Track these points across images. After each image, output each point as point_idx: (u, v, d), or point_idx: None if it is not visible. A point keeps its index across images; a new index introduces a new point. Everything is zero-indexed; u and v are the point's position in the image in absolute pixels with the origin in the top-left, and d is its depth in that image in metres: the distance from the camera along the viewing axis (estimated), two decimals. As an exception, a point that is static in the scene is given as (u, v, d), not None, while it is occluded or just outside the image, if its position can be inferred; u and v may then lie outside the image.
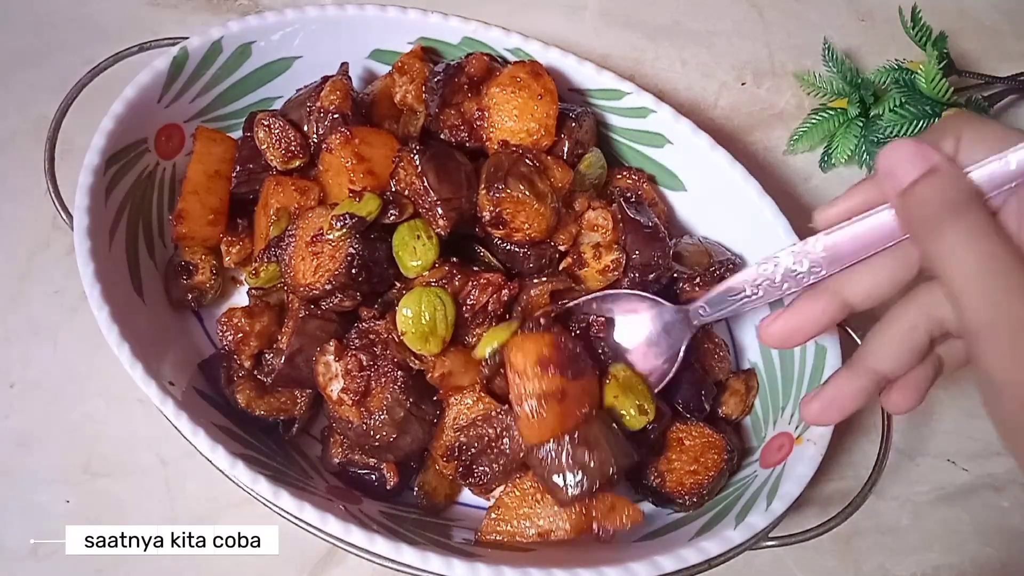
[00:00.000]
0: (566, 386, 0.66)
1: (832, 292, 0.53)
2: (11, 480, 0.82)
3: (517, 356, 0.66)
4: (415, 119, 0.84)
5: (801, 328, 0.54)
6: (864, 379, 0.53)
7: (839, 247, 0.53)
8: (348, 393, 0.70)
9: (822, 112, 0.99)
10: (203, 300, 0.84)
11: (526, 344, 0.67)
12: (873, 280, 0.52)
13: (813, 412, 0.55)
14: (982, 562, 0.83)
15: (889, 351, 0.52)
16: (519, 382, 0.66)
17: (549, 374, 0.65)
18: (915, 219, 0.48)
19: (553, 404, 0.65)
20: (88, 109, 0.80)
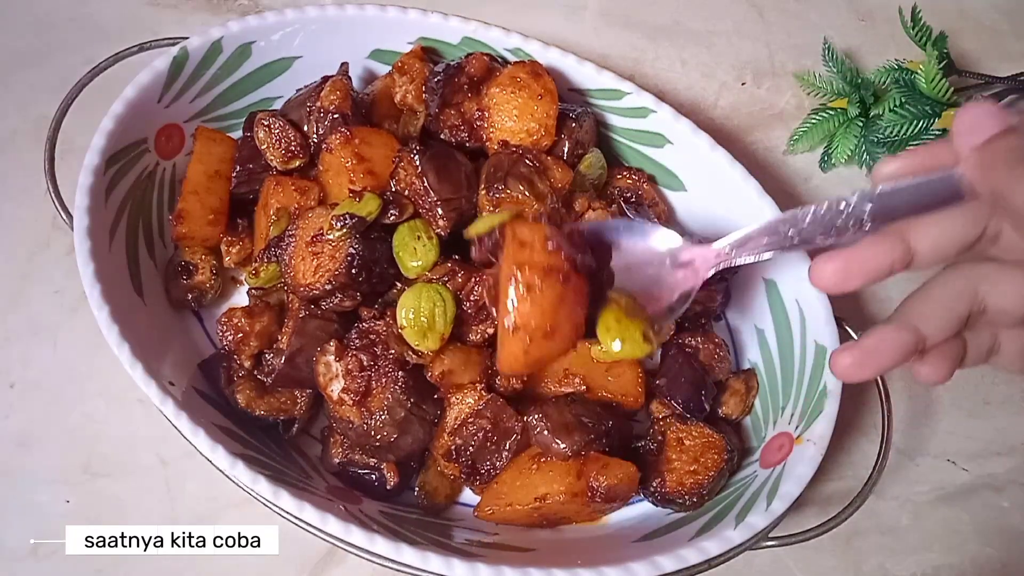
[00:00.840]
0: (569, 273, 0.60)
1: (899, 235, 0.50)
2: (11, 480, 0.82)
3: (523, 228, 0.61)
4: (415, 119, 0.84)
5: (863, 268, 0.50)
6: (907, 334, 0.50)
7: (893, 200, 0.50)
8: (349, 393, 0.70)
9: (822, 112, 0.99)
10: (203, 300, 0.84)
11: (534, 224, 0.63)
12: (940, 232, 0.50)
13: (844, 363, 0.51)
14: (982, 562, 0.83)
15: (934, 311, 0.50)
16: (523, 251, 0.59)
17: (560, 253, 0.60)
18: (999, 167, 0.46)
19: (555, 283, 0.59)
20: (88, 109, 0.80)
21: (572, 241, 0.62)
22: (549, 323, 0.59)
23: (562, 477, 0.71)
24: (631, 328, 0.62)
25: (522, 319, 0.58)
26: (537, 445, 0.72)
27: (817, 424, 0.71)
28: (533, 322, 0.58)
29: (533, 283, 0.58)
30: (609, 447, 0.73)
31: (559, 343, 0.60)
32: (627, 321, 0.62)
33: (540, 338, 0.59)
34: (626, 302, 0.64)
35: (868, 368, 0.51)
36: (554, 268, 0.59)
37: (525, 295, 0.58)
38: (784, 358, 0.79)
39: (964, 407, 0.90)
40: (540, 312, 0.58)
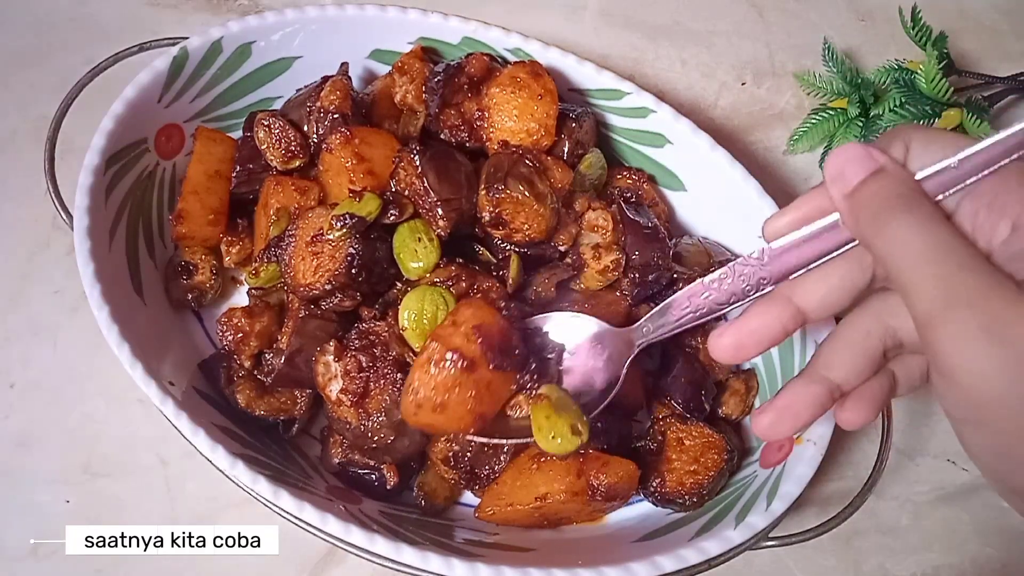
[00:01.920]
0: (477, 366, 0.63)
1: (784, 299, 0.51)
2: (11, 480, 0.82)
3: (466, 310, 0.64)
4: (415, 119, 0.84)
5: (753, 338, 0.51)
6: (817, 387, 0.51)
7: (785, 258, 0.51)
8: (347, 394, 0.70)
9: (822, 112, 0.99)
10: (203, 300, 0.84)
11: (479, 305, 0.65)
12: (825, 286, 0.50)
13: (764, 424, 0.52)
14: (982, 562, 0.83)
15: (842, 358, 0.51)
16: (447, 328, 0.63)
17: (477, 343, 0.63)
18: (864, 216, 0.46)
19: (455, 368, 0.62)
20: (88, 109, 0.80)
21: (505, 340, 0.64)
22: (439, 399, 0.62)
23: (562, 476, 0.71)
24: (559, 424, 0.64)
25: (416, 384, 0.62)
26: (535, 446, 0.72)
27: (817, 424, 0.71)
28: (423, 392, 0.62)
29: (433, 359, 0.62)
30: (608, 446, 0.73)
31: (448, 421, 0.63)
32: (555, 417, 0.64)
33: (428, 408, 0.62)
34: (557, 397, 0.66)
35: (785, 426, 0.51)
36: (465, 356, 0.62)
37: (426, 366, 0.62)
38: (784, 358, 0.79)
39: (964, 407, 0.90)
40: (431, 386, 0.62)
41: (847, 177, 0.47)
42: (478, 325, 0.63)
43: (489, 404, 0.65)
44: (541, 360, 0.69)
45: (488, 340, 0.63)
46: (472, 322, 0.63)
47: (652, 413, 0.80)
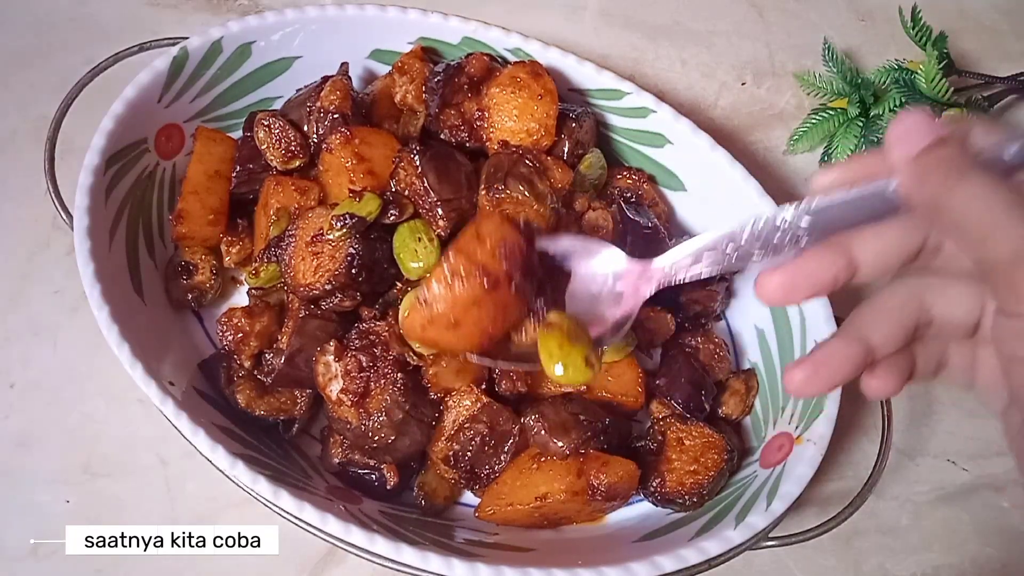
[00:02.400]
0: (499, 283, 0.60)
1: (841, 247, 0.50)
2: (11, 480, 0.82)
3: (488, 223, 0.62)
4: (415, 119, 0.84)
5: (807, 281, 0.49)
6: (856, 347, 0.50)
7: (829, 214, 0.50)
8: (347, 394, 0.70)
9: (822, 112, 0.99)
10: (203, 300, 0.84)
11: (502, 219, 0.63)
12: (881, 243, 0.50)
13: (797, 379, 0.50)
14: (982, 562, 0.83)
15: (881, 324, 0.50)
16: (471, 242, 0.60)
17: (503, 260, 0.60)
18: (933, 177, 0.46)
19: (477, 284, 0.59)
20: (88, 109, 0.80)
21: (527, 259, 0.62)
22: (454, 315, 0.60)
23: (562, 476, 0.71)
24: (572, 353, 0.62)
25: (432, 298, 0.60)
26: (535, 445, 0.72)
27: (817, 424, 0.71)
28: (439, 306, 0.60)
29: (458, 272, 0.59)
30: (608, 446, 0.73)
31: (458, 339, 0.61)
32: (568, 346, 0.62)
33: (441, 324, 0.60)
34: (568, 326, 0.63)
35: (819, 383, 0.50)
36: (487, 271, 0.59)
37: (446, 279, 0.60)
38: (784, 358, 0.79)
39: (964, 407, 0.90)
40: (450, 301, 0.60)
41: (912, 140, 0.48)
42: (504, 241, 0.60)
43: (500, 326, 0.63)
44: (554, 285, 0.66)
45: (512, 258, 0.60)
46: (498, 237, 0.60)
47: (652, 413, 0.80)
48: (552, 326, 0.63)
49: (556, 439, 0.71)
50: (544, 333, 0.63)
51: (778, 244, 0.52)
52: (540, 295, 0.64)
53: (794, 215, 0.50)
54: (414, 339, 0.62)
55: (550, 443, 0.71)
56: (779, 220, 0.51)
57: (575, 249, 0.66)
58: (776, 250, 0.52)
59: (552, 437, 0.71)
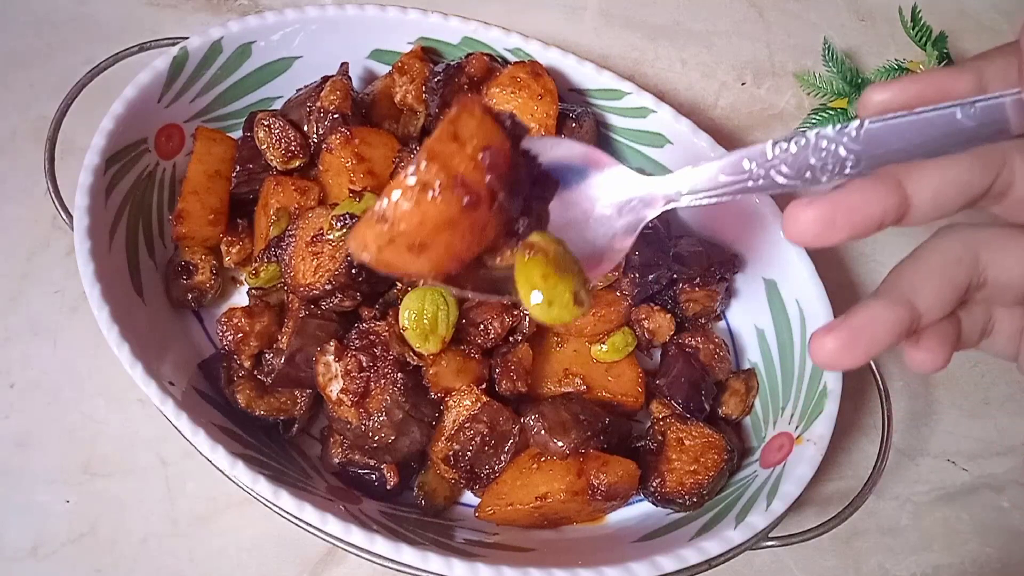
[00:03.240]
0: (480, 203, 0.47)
1: (893, 181, 0.41)
2: (11, 480, 0.82)
3: (470, 121, 0.47)
4: (415, 119, 0.84)
5: (850, 217, 0.40)
6: (900, 311, 0.41)
7: (885, 139, 0.41)
8: (347, 394, 0.70)
9: (822, 112, 0.99)
10: (203, 300, 0.84)
11: (483, 114, 0.48)
12: (942, 180, 0.41)
13: (829, 348, 0.42)
14: (982, 562, 0.83)
15: (931, 284, 0.42)
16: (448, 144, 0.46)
17: (485, 172, 0.47)
18: None
19: (455, 202, 0.46)
20: (88, 109, 0.80)
21: (514, 169, 0.49)
22: (420, 237, 0.47)
23: (562, 476, 0.71)
24: (559, 285, 0.49)
25: (394, 214, 0.46)
26: (535, 445, 0.72)
27: (817, 424, 0.71)
28: (403, 224, 0.46)
29: (431, 185, 0.45)
30: (608, 445, 0.73)
31: (420, 264, 0.48)
32: (554, 276, 0.49)
33: (402, 245, 0.47)
34: (555, 251, 0.50)
35: (857, 353, 0.42)
36: (467, 186, 0.46)
37: (414, 192, 0.45)
38: (784, 358, 0.79)
39: (964, 407, 0.90)
40: (417, 220, 0.46)
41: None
42: (487, 147, 0.47)
43: (474, 249, 0.50)
44: (539, 199, 0.52)
45: (498, 169, 0.47)
46: (481, 139, 0.47)
47: (652, 413, 0.80)
48: (535, 250, 0.50)
49: (556, 439, 0.71)
50: (524, 258, 0.50)
51: (813, 171, 0.43)
52: (524, 213, 0.50)
53: (835, 135, 0.42)
54: (363, 257, 0.49)
55: (550, 443, 0.71)
56: (821, 141, 0.43)
57: (569, 156, 0.55)
58: (810, 178, 0.44)
59: (552, 437, 0.71)
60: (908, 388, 0.90)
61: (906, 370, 0.90)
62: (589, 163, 0.55)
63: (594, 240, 0.53)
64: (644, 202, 0.52)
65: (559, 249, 0.50)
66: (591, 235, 0.53)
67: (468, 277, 0.51)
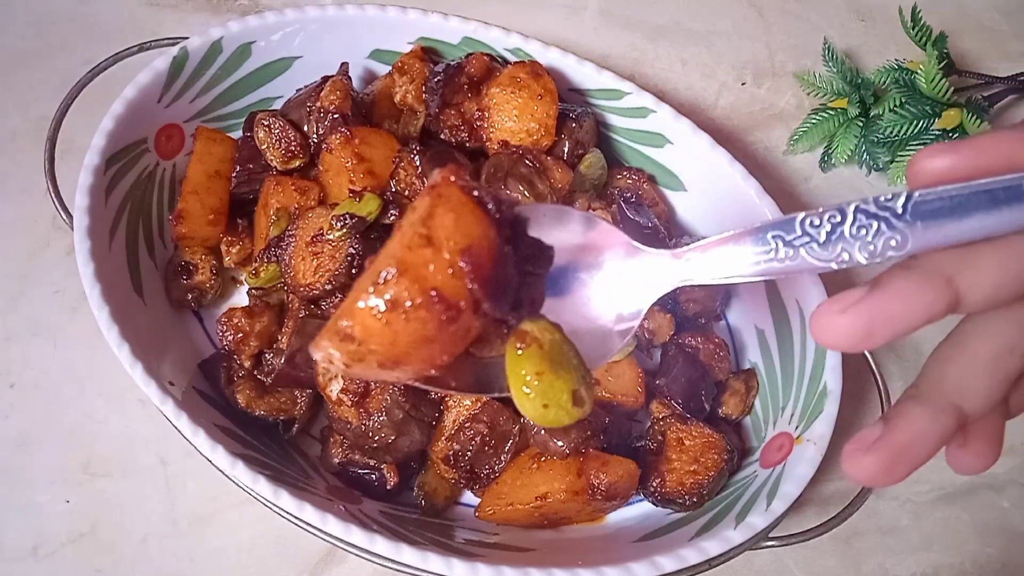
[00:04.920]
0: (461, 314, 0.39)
1: (942, 280, 0.35)
2: (11, 480, 0.82)
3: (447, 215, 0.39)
4: (415, 119, 0.84)
5: (888, 328, 0.35)
6: (946, 420, 0.37)
7: (938, 218, 0.35)
8: (347, 394, 0.70)
9: (822, 112, 0.99)
10: (203, 300, 0.84)
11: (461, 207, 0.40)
12: (1003, 274, 0.35)
13: (868, 471, 0.37)
14: (982, 562, 0.83)
15: (980, 381, 0.37)
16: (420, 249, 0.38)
17: (466, 278, 0.39)
18: None
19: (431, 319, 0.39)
20: (88, 109, 0.80)
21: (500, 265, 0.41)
22: (393, 356, 0.40)
23: (562, 475, 0.71)
24: (556, 385, 0.42)
25: (361, 332, 0.40)
26: (535, 445, 0.72)
27: (817, 424, 0.71)
28: (373, 344, 0.40)
29: (400, 304, 0.38)
30: (608, 446, 0.73)
31: (396, 375, 0.42)
32: (551, 374, 0.42)
33: (373, 362, 0.41)
34: (551, 342, 0.43)
35: (898, 474, 0.37)
36: (445, 300, 0.39)
37: (382, 312, 0.39)
38: (784, 358, 0.79)
39: (964, 407, 0.90)
40: (388, 341, 0.39)
41: None
42: (467, 248, 0.39)
43: (456, 351, 0.43)
44: (531, 277, 0.44)
45: (480, 271, 0.39)
46: (458, 241, 0.39)
47: (652, 413, 0.80)
48: (528, 341, 0.43)
49: (556, 438, 0.71)
50: (516, 352, 0.43)
51: (850, 251, 0.37)
52: (514, 305, 0.43)
53: (878, 210, 0.36)
54: (330, 369, 0.43)
55: (550, 443, 0.71)
56: (855, 214, 0.37)
57: (564, 224, 0.49)
58: (847, 260, 0.38)
59: (552, 436, 0.71)
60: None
61: (906, 370, 0.90)
62: (587, 231, 0.48)
63: (595, 319, 0.46)
64: (653, 279, 0.45)
65: (555, 338, 0.44)
66: (592, 314, 0.47)
67: (453, 374, 0.44)
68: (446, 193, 0.40)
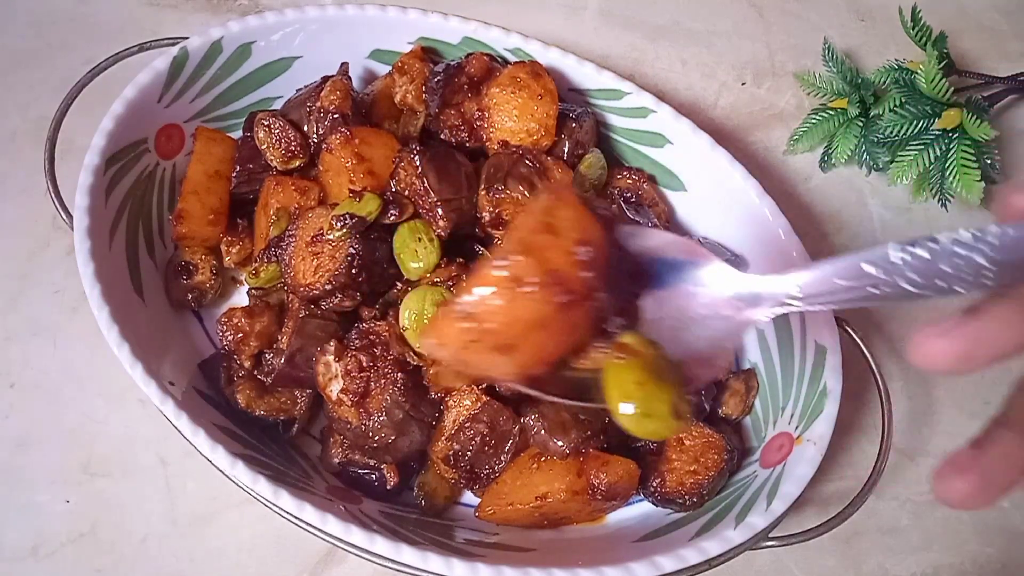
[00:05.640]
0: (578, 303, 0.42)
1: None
2: (11, 480, 0.82)
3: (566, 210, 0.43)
4: (415, 119, 0.84)
5: (986, 350, 0.36)
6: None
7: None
8: (347, 394, 0.70)
9: (822, 112, 0.99)
10: (203, 300, 0.84)
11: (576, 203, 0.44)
12: None
13: (959, 491, 0.38)
14: (982, 562, 0.83)
15: None
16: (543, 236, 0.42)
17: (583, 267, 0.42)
18: None
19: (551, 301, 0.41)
20: (88, 109, 0.80)
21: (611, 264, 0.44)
22: (509, 337, 0.42)
23: (562, 475, 0.71)
24: (657, 397, 0.43)
25: (480, 310, 0.41)
26: (535, 445, 0.72)
27: (817, 424, 0.71)
28: (492, 322, 0.42)
29: (524, 280, 0.41)
30: (608, 445, 0.73)
31: (504, 365, 0.44)
32: (652, 385, 0.44)
33: (488, 344, 0.42)
34: (651, 356, 0.45)
35: (989, 498, 0.38)
36: (564, 283, 0.41)
37: (506, 286, 0.41)
38: (784, 358, 0.79)
39: (964, 407, 0.90)
40: (508, 318, 0.41)
41: None
42: (585, 240, 0.42)
43: (562, 349, 0.45)
44: (630, 295, 0.47)
45: (596, 264, 0.42)
46: (579, 230, 0.42)
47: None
48: (628, 353, 0.44)
49: (556, 438, 0.71)
50: (615, 362, 0.44)
51: (947, 279, 0.38)
52: (618, 312, 0.46)
53: (972, 242, 0.37)
54: (440, 354, 0.46)
55: (550, 442, 0.71)
56: (950, 245, 0.38)
57: (663, 248, 0.50)
58: (943, 288, 0.39)
59: (552, 436, 0.71)
60: (908, 388, 0.90)
61: (906, 370, 0.90)
62: (685, 256, 0.50)
63: (690, 343, 0.47)
64: (749, 305, 0.46)
65: (655, 353, 0.45)
66: (687, 337, 0.47)
67: (550, 380, 0.46)
68: (564, 195, 0.44)
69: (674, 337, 0.48)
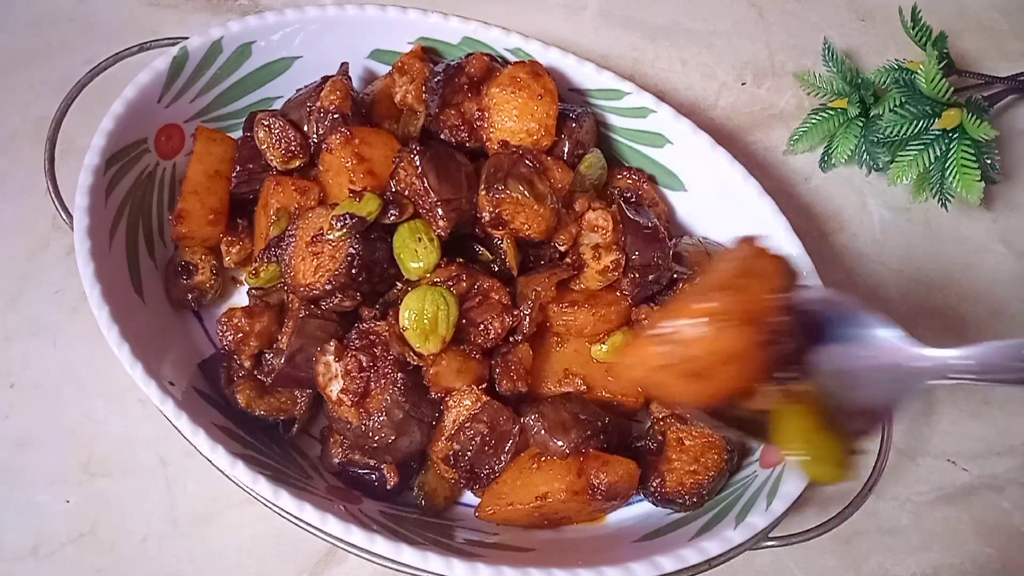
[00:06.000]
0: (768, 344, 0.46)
1: None
2: (11, 480, 0.82)
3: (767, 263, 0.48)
4: (415, 119, 0.84)
5: None
6: None
7: None
8: (347, 394, 0.70)
9: (822, 112, 0.99)
10: (203, 300, 0.84)
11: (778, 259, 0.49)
12: None
13: None
14: (982, 562, 0.83)
15: None
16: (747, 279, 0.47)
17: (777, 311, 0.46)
18: None
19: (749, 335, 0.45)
20: (88, 109, 0.80)
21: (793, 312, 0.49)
22: (705, 367, 0.46)
23: (562, 475, 0.71)
24: (829, 443, 0.47)
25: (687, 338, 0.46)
26: (535, 445, 0.72)
27: (817, 424, 0.71)
28: (694, 350, 0.46)
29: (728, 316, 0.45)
30: (608, 445, 0.73)
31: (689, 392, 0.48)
32: (821, 433, 0.48)
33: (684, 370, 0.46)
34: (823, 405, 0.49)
35: None
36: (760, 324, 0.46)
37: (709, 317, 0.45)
38: (784, 358, 0.79)
39: (964, 407, 0.90)
40: (711, 348, 0.46)
41: None
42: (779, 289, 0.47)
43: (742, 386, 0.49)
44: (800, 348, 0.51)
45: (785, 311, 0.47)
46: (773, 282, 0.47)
47: (652, 413, 0.80)
48: (798, 399, 0.48)
49: (556, 438, 0.71)
50: (787, 408, 0.48)
51: None
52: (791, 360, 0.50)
53: None
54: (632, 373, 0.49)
55: (550, 442, 0.71)
56: None
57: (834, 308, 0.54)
58: None
59: (552, 436, 0.71)
60: (908, 388, 0.90)
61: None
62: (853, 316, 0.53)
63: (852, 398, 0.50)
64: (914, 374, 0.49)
65: (827, 403, 0.49)
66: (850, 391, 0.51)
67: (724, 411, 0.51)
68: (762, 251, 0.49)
69: (838, 390, 0.51)
